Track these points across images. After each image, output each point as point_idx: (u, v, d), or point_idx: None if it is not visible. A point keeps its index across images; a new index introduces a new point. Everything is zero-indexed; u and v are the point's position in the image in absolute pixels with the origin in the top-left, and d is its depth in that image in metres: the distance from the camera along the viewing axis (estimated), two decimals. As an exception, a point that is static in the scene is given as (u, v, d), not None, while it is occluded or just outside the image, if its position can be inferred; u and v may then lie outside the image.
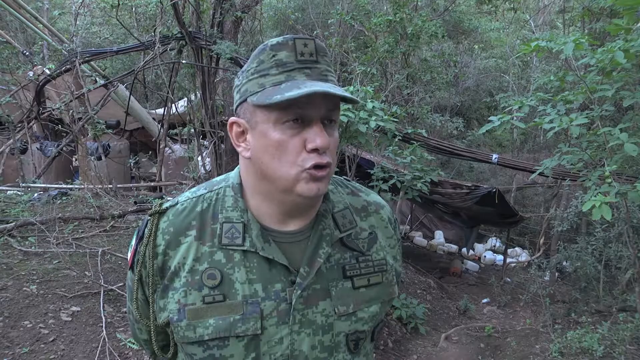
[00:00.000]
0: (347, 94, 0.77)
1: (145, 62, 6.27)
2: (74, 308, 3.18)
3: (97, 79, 7.12)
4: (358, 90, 4.10)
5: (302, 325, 0.84)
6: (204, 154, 6.28)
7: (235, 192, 0.89)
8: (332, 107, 0.80)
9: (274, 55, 0.78)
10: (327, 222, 0.89)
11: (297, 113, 0.77)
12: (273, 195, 0.85)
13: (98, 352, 2.82)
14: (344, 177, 1.03)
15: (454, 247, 9.26)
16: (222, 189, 0.91)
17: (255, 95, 0.79)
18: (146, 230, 0.89)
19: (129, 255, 0.94)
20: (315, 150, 0.78)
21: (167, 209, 0.90)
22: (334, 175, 0.96)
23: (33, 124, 7.62)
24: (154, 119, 8.12)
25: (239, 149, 0.85)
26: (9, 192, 5.85)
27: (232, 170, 0.95)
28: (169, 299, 0.85)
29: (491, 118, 3.32)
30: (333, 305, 0.86)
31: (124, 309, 3.29)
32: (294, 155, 0.79)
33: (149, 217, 0.90)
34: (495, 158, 5.81)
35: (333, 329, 0.86)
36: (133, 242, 0.93)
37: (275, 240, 0.86)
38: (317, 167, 0.79)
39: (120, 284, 3.48)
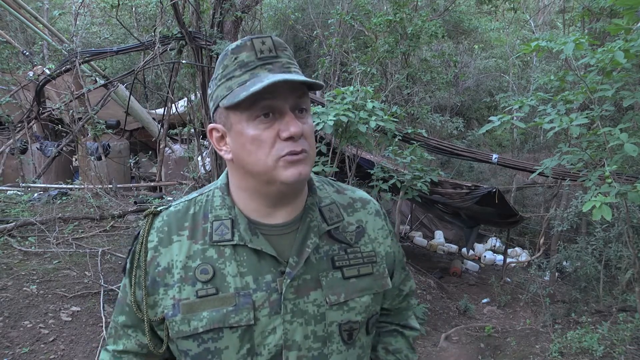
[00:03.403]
0: (307, 79, 0.80)
1: (145, 62, 6.27)
2: (74, 308, 3.18)
3: (97, 79, 7.12)
4: (358, 90, 4.09)
5: (295, 315, 0.86)
6: (204, 154, 6.29)
7: (223, 191, 0.93)
8: (299, 95, 0.83)
9: (235, 58, 0.83)
10: (315, 215, 0.92)
11: (266, 106, 0.80)
12: (259, 190, 0.87)
13: (98, 352, 2.82)
14: (330, 177, 1.06)
15: (454, 247, 9.27)
16: (212, 191, 0.95)
17: (225, 99, 0.82)
18: (141, 230, 0.92)
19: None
20: (290, 138, 0.80)
21: (160, 210, 0.95)
22: (321, 176, 1.01)
23: (33, 124, 7.61)
24: (154, 119, 8.12)
25: (221, 153, 0.89)
26: (9, 192, 5.85)
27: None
28: (162, 296, 0.87)
29: (491, 118, 3.31)
30: (324, 294, 0.88)
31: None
32: (269, 147, 0.81)
33: (144, 218, 0.94)
34: (495, 158, 5.80)
35: (325, 319, 0.88)
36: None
37: (263, 233, 0.88)
38: (292, 153, 0.81)
39: (120, 284, 3.47)
